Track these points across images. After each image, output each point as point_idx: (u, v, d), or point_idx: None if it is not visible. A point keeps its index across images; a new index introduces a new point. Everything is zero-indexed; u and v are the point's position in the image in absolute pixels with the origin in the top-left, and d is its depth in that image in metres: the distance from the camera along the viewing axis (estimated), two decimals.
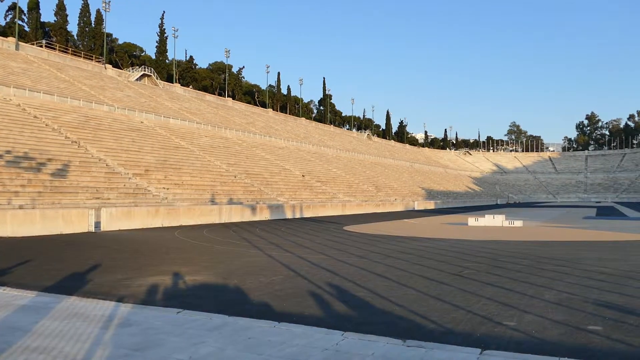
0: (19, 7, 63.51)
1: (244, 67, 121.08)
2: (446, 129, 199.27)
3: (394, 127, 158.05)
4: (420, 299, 7.83)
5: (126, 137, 39.45)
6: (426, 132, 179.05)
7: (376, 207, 50.20)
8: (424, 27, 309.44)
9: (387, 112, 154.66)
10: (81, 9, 75.67)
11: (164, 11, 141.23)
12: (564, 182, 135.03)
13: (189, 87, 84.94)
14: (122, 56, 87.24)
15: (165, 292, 8.50)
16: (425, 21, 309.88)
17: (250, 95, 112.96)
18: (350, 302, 7.66)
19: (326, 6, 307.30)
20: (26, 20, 72.21)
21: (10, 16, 73.08)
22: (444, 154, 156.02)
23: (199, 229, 23.88)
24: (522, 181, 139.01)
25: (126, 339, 5.28)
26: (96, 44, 75.11)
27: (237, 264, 11.94)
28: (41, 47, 59.96)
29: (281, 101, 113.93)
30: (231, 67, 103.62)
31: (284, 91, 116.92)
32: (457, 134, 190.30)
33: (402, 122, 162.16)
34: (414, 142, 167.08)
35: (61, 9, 73.31)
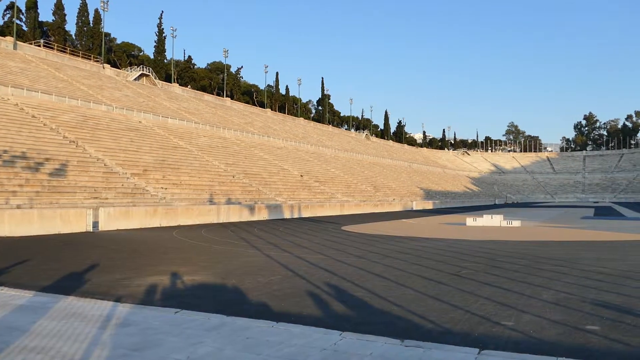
0: (17, 6, 63.46)
1: (242, 67, 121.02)
2: (444, 129, 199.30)
3: (393, 127, 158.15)
4: (418, 298, 7.83)
5: (124, 136, 39.40)
6: (424, 132, 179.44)
7: (374, 207, 50.22)
8: (422, 27, 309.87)
9: (386, 112, 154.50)
10: (79, 9, 75.57)
11: (163, 11, 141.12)
12: (562, 182, 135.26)
13: (187, 87, 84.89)
14: (121, 56, 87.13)
15: (163, 292, 8.50)
16: (423, 21, 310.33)
17: (248, 95, 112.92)
18: (348, 302, 7.66)
19: (324, 6, 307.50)
20: (24, 19, 72.09)
21: (8, 15, 72.94)
22: (442, 154, 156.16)
23: (197, 228, 23.87)
24: (520, 181, 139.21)
25: (124, 339, 5.27)
26: (94, 43, 75.01)
27: (235, 264, 11.94)
28: (39, 46, 59.84)
29: (279, 101, 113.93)
30: (229, 67, 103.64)
31: (283, 91, 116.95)
32: (455, 134, 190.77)
33: (400, 122, 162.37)
34: (412, 142, 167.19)
35: (59, 9, 73.19)
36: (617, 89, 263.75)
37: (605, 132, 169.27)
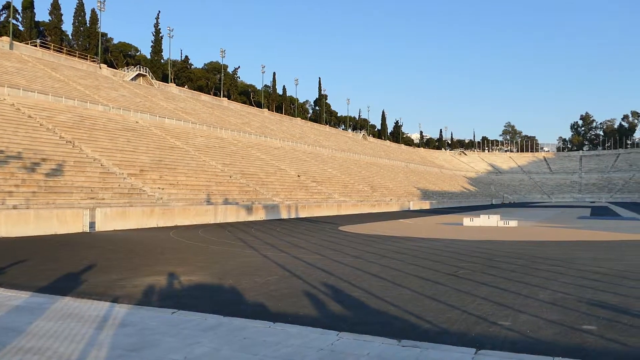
0: (13, 6, 63.22)
1: (239, 67, 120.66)
2: (441, 129, 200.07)
3: (390, 127, 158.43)
4: (415, 299, 7.84)
5: (121, 137, 39.32)
6: (421, 132, 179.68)
7: (372, 207, 50.25)
8: (419, 27, 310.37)
9: (383, 112, 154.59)
10: (76, 9, 75.39)
11: (159, 11, 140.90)
12: (558, 182, 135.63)
13: (184, 87, 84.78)
14: (117, 56, 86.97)
15: (160, 292, 8.48)
16: (420, 21, 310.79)
17: (245, 95, 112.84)
18: (345, 302, 7.67)
19: (321, 6, 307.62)
20: (20, 19, 71.91)
21: (4, 15, 72.74)
22: (439, 154, 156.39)
23: (194, 229, 23.83)
24: (517, 181, 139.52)
25: (121, 340, 5.26)
26: (91, 43, 74.82)
27: (232, 264, 11.92)
28: (35, 46, 59.67)
29: (277, 101, 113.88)
30: (226, 67, 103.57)
31: (280, 91, 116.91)
32: (452, 134, 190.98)
33: (397, 122, 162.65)
34: (409, 142, 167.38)
35: (56, 8, 72.98)
36: (614, 89, 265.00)
37: (601, 132, 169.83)
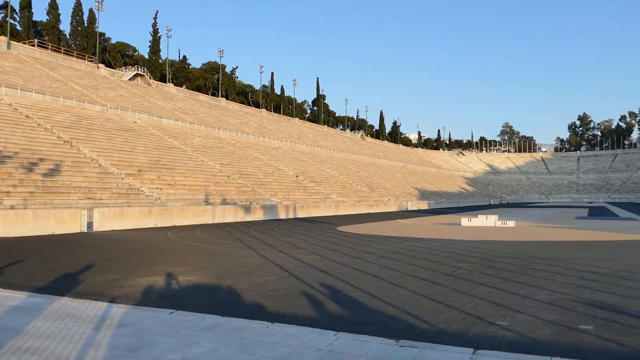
0: (11, 5, 63.04)
1: (237, 67, 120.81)
2: (439, 130, 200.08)
3: (388, 128, 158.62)
4: (413, 299, 7.85)
5: (119, 137, 39.26)
6: (419, 133, 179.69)
7: (370, 207, 50.27)
8: (418, 27, 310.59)
9: (381, 112, 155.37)
10: (74, 8, 75.26)
11: (157, 11, 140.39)
12: (556, 183, 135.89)
13: (182, 87, 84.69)
14: (115, 56, 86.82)
15: (158, 292, 8.47)
16: (419, 21, 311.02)
17: (243, 95, 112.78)
18: (343, 302, 7.67)
19: (320, 6, 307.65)
20: (18, 19, 71.71)
21: (1, 15, 72.55)
22: (437, 154, 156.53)
23: (192, 229, 23.81)
24: (514, 181, 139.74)
25: (119, 340, 5.26)
26: (89, 43, 74.72)
27: (230, 265, 11.92)
28: (33, 46, 59.53)
29: (275, 101, 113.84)
30: (225, 67, 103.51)
31: (278, 91, 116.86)
32: (450, 134, 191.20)
33: (395, 122, 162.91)
34: (407, 142, 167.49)
35: (53, 8, 72.84)
36: (611, 89, 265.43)
37: (599, 133, 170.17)
